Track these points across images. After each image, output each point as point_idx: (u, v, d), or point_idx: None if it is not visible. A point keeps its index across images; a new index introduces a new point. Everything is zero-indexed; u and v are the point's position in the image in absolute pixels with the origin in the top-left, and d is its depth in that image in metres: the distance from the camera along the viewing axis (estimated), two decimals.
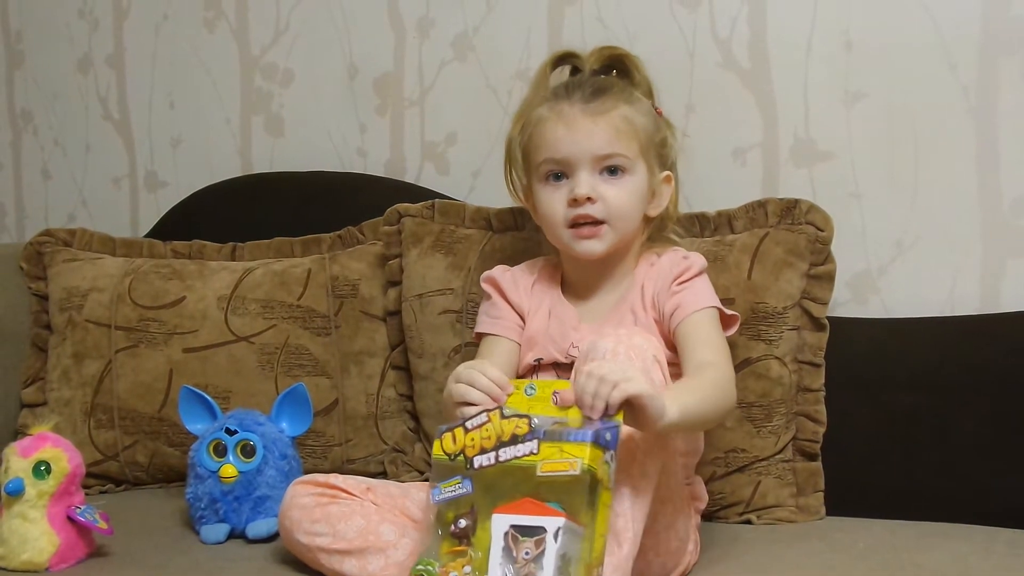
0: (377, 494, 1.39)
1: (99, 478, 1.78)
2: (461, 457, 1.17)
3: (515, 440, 1.15)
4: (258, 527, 1.51)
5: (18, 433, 1.73)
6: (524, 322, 1.50)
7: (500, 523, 1.14)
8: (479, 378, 1.24)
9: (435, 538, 1.18)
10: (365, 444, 1.74)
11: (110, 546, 1.47)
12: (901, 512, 1.52)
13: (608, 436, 1.14)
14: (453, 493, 1.17)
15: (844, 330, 1.58)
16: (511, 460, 1.15)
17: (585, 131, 1.41)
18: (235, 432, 1.53)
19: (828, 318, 1.56)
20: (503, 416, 1.17)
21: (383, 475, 1.70)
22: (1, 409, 1.79)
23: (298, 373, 1.73)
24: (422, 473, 1.69)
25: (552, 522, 1.12)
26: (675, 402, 1.21)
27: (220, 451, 1.53)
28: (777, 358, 1.53)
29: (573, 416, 1.18)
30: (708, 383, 1.33)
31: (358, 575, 1.32)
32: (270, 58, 2.01)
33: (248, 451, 1.52)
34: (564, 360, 1.43)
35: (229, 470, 1.51)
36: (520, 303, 1.51)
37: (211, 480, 1.52)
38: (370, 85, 1.94)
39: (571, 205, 1.42)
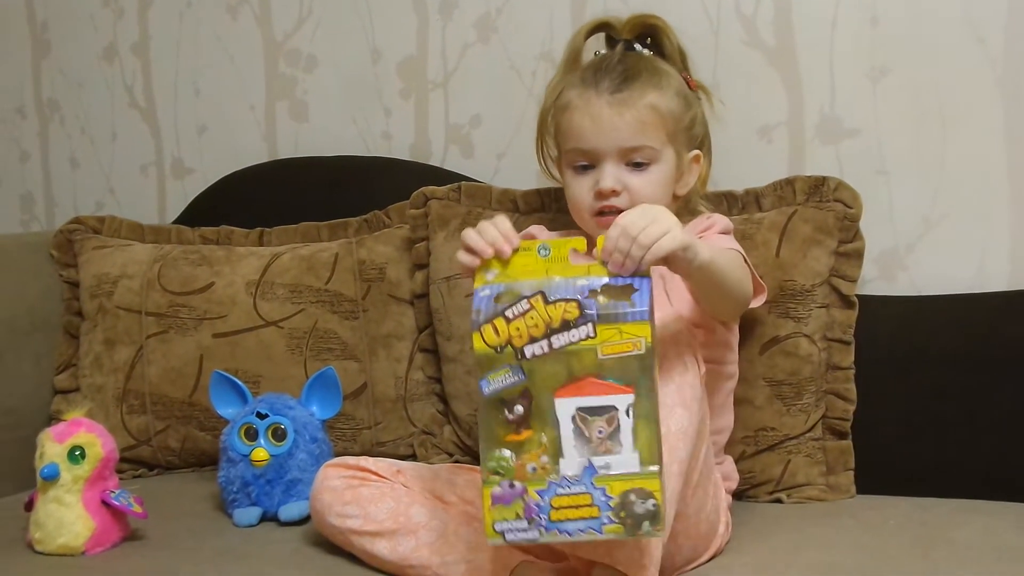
0: (407, 476, 1.40)
1: (132, 463, 1.79)
2: (509, 348, 1.11)
3: (567, 325, 1.10)
4: (290, 510, 1.52)
5: (52, 419, 1.75)
6: None
7: (565, 407, 1.10)
8: (489, 228, 1.18)
9: (490, 430, 1.12)
10: (394, 427, 1.75)
11: (144, 530, 1.49)
12: (932, 489, 1.51)
13: (650, 303, 1.11)
14: (503, 383, 1.11)
15: (872, 308, 1.58)
16: (566, 346, 1.10)
17: (610, 125, 1.42)
18: (266, 416, 1.54)
19: (856, 296, 1.56)
20: (547, 301, 1.11)
21: (412, 457, 1.71)
22: (35, 396, 1.81)
23: (327, 357, 1.74)
24: (451, 456, 1.70)
25: (622, 399, 1.10)
26: (705, 247, 1.23)
27: (251, 435, 1.54)
28: (806, 336, 1.53)
29: (596, 272, 1.13)
30: (729, 256, 1.35)
31: (389, 556, 1.33)
32: (294, 44, 2.02)
33: (279, 435, 1.53)
34: None
35: (260, 454, 1.52)
36: None
37: (243, 464, 1.53)
38: (394, 69, 1.94)
39: (597, 197, 1.43)
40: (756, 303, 1.45)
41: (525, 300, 1.10)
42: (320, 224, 1.84)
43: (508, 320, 1.10)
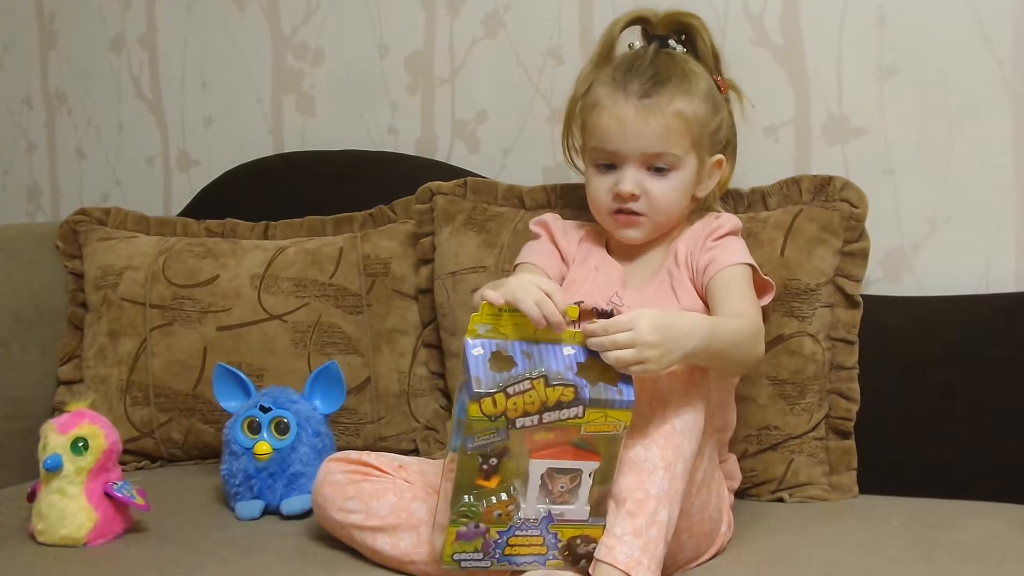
0: (409, 472, 1.40)
1: (135, 455, 1.79)
2: (502, 419, 1.17)
3: (560, 406, 1.17)
4: (292, 504, 1.52)
5: (56, 410, 1.75)
6: (567, 268, 1.51)
7: (538, 467, 1.19)
8: (548, 304, 1.21)
9: (465, 476, 1.19)
10: (397, 422, 1.75)
11: (147, 522, 1.49)
12: (935, 490, 1.51)
13: (634, 392, 1.19)
14: (487, 442, 1.18)
15: (877, 308, 1.57)
16: (555, 421, 1.17)
17: (636, 130, 1.41)
18: (269, 409, 1.54)
19: (861, 296, 1.56)
20: (548, 384, 1.17)
21: (415, 452, 1.71)
22: (39, 386, 1.81)
23: (330, 351, 1.74)
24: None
25: (588, 465, 1.19)
26: (704, 340, 1.24)
27: (254, 428, 1.54)
28: (810, 335, 1.53)
29: (569, 338, 1.21)
30: (735, 326, 1.33)
31: (390, 552, 1.33)
32: (301, 37, 2.02)
33: (282, 428, 1.54)
34: (606, 307, 1.43)
35: (263, 447, 1.52)
36: (568, 250, 1.52)
37: (245, 457, 1.53)
38: (401, 63, 1.94)
39: (615, 199, 1.43)
40: (764, 301, 1.45)
41: (528, 381, 1.17)
42: (325, 218, 1.84)
43: (508, 396, 1.16)
